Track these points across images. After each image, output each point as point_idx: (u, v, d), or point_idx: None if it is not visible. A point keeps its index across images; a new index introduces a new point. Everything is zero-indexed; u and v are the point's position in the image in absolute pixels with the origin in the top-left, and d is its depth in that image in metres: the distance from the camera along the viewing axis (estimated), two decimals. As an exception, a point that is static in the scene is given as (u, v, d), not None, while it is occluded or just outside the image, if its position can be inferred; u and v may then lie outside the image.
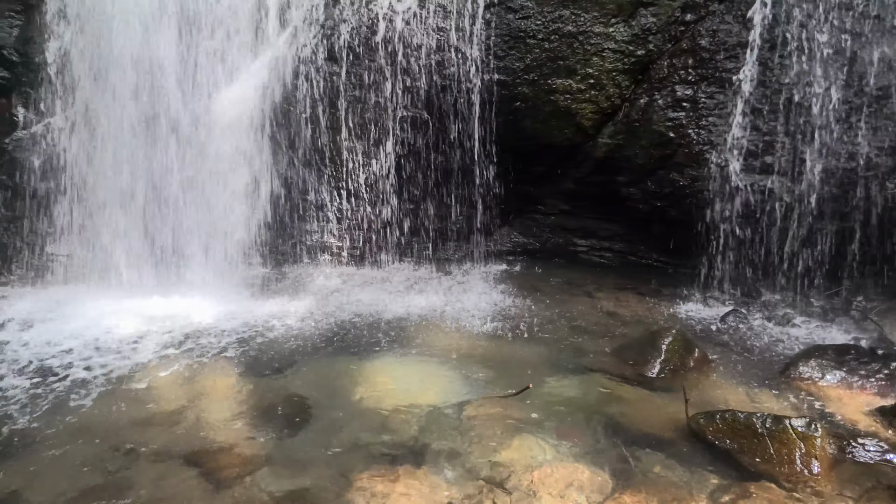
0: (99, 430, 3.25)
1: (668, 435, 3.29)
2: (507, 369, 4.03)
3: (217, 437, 3.21)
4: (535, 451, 3.10)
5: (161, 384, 3.78)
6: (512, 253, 6.03)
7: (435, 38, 5.10)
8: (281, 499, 2.73)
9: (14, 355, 4.08)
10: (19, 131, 5.55)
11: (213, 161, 5.18)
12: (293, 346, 4.32)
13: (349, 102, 5.34)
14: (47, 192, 5.46)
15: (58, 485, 2.82)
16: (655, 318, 4.94)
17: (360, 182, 5.54)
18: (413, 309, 4.99)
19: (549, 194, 5.79)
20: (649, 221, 5.43)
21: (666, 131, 5.00)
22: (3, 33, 5.48)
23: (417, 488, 2.80)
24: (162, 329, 4.50)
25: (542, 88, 5.10)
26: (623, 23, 4.95)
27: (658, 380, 3.92)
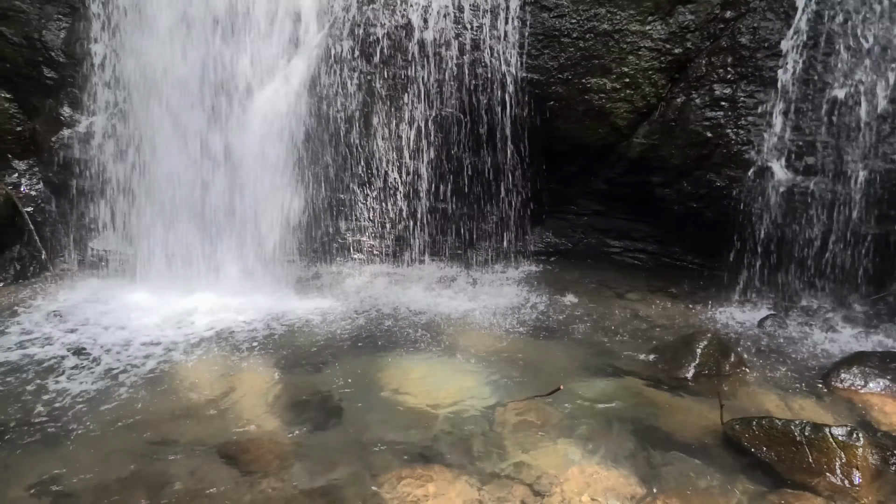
0: (136, 420, 3.35)
1: (702, 441, 3.23)
2: (537, 370, 4.01)
3: (250, 431, 3.26)
4: (565, 454, 3.07)
5: (196, 377, 3.86)
6: (544, 253, 5.99)
7: (468, 37, 5.10)
8: (312, 494, 2.76)
9: (55, 346, 4.22)
10: (65, 130, 5.73)
11: (248, 160, 5.27)
12: (325, 343, 4.37)
13: (382, 101, 5.38)
14: (90, 189, 5.63)
15: (96, 472, 2.91)
16: (690, 322, 4.85)
17: (392, 181, 5.57)
18: (444, 308, 5.00)
19: (581, 194, 5.74)
20: (684, 223, 5.33)
21: (703, 131, 4.90)
22: (51, 35, 5.67)
23: (447, 488, 2.80)
24: (197, 324, 4.60)
25: (576, 88, 5.05)
26: (660, 20, 4.87)
27: (692, 384, 3.85)
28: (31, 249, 5.72)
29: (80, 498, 2.73)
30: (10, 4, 5.63)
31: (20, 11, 5.65)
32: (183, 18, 5.13)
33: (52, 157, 5.77)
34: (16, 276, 5.51)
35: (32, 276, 5.58)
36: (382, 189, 5.61)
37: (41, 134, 5.86)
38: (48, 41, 5.67)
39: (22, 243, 5.69)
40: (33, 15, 5.67)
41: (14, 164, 6.02)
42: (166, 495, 2.75)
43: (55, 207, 5.88)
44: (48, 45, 5.67)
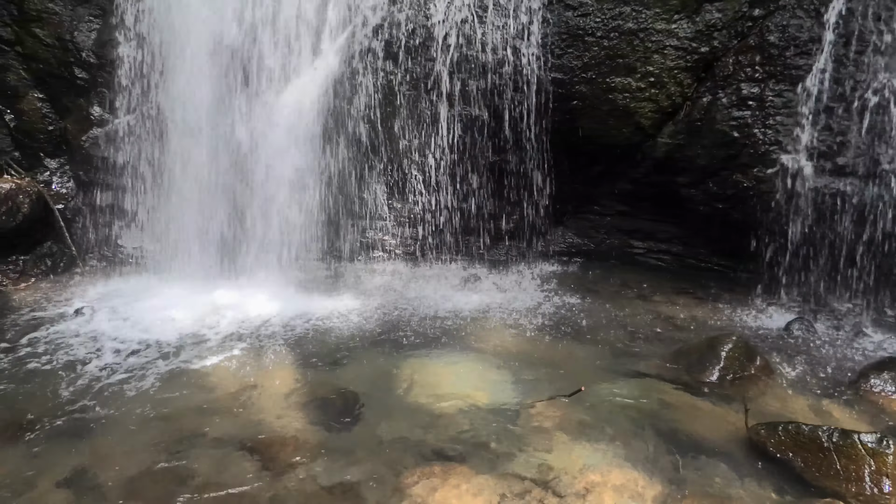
0: (161, 415, 3.40)
1: (725, 445, 3.18)
2: (559, 371, 3.99)
3: (273, 427, 3.30)
4: (586, 455, 3.05)
5: (220, 373, 3.92)
6: (566, 254, 5.95)
7: (492, 36, 5.09)
8: (333, 490, 2.78)
9: (84, 340, 4.31)
10: (95, 129, 5.85)
11: (272, 159, 5.32)
12: (347, 341, 4.39)
13: (405, 101, 5.39)
14: (119, 187, 5.74)
15: (123, 464, 2.96)
16: (714, 324, 4.79)
17: (414, 180, 5.58)
18: (465, 307, 4.99)
19: (605, 194, 5.69)
20: (710, 224, 5.25)
21: (730, 131, 4.83)
22: (82, 36, 5.79)
23: (466, 487, 2.80)
24: (222, 321, 4.66)
25: (600, 87, 5.01)
26: (686, 19, 4.80)
27: (716, 387, 3.80)
28: (61, 246, 5.85)
29: (107, 490, 2.78)
30: (44, 7, 5.77)
31: (53, 13, 5.78)
32: (211, 17, 5.21)
33: (83, 156, 5.90)
34: (46, 271, 5.64)
35: (62, 272, 5.71)
36: (405, 188, 5.63)
37: (72, 133, 5.99)
38: (79, 42, 5.79)
39: (53, 240, 5.82)
40: (66, 17, 5.80)
41: (46, 162, 6.16)
42: (191, 488, 2.79)
43: (85, 205, 6.01)
44: (79, 46, 5.79)
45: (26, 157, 6.18)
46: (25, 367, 3.93)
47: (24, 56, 5.92)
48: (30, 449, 3.09)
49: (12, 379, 3.77)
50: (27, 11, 5.79)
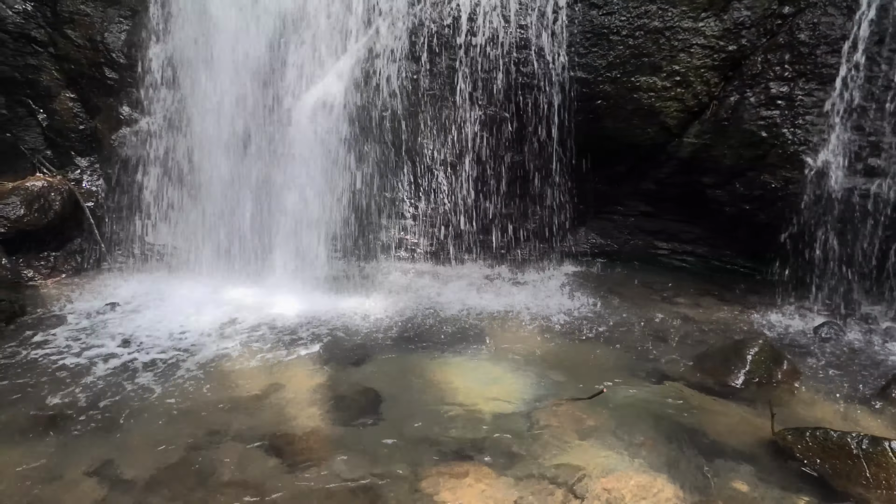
0: (185, 411, 3.45)
1: (750, 450, 3.13)
2: (580, 372, 3.96)
3: (295, 424, 3.33)
4: (606, 457, 3.03)
5: (243, 370, 3.96)
6: (589, 254, 5.91)
7: (516, 35, 5.07)
8: (354, 487, 2.80)
9: (112, 335, 4.39)
10: (123, 128, 5.96)
11: (296, 158, 5.37)
12: (369, 340, 4.42)
13: (428, 100, 5.40)
14: (147, 185, 5.83)
15: (147, 459, 3.01)
16: (740, 327, 4.71)
17: (437, 180, 5.58)
18: (487, 308, 4.99)
19: (628, 195, 5.63)
20: (736, 225, 5.17)
21: (758, 130, 4.75)
22: (112, 37, 5.90)
23: (486, 486, 2.79)
24: (246, 318, 4.72)
25: (625, 86, 4.96)
26: (714, 17, 4.73)
27: (742, 392, 3.74)
28: (90, 242, 5.97)
29: (133, 482, 2.83)
30: (77, 8, 5.89)
31: (85, 15, 5.90)
32: (239, 18, 5.28)
33: (112, 155, 6.01)
34: (76, 267, 5.76)
35: (92, 268, 5.83)
36: (428, 188, 5.63)
37: (102, 132, 6.11)
38: (110, 43, 5.90)
39: (82, 237, 5.95)
40: (97, 18, 5.91)
41: (77, 160, 6.30)
42: (214, 483, 2.83)
43: (113, 202, 6.12)
44: (110, 47, 5.90)
45: (58, 155, 6.32)
46: (55, 360, 4.02)
47: (56, 57, 6.06)
48: (59, 440, 3.16)
49: (43, 372, 3.87)
50: (60, 13, 5.93)
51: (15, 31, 6.00)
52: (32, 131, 6.29)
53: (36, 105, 6.24)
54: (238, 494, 2.75)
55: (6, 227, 5.37)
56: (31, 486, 2.79)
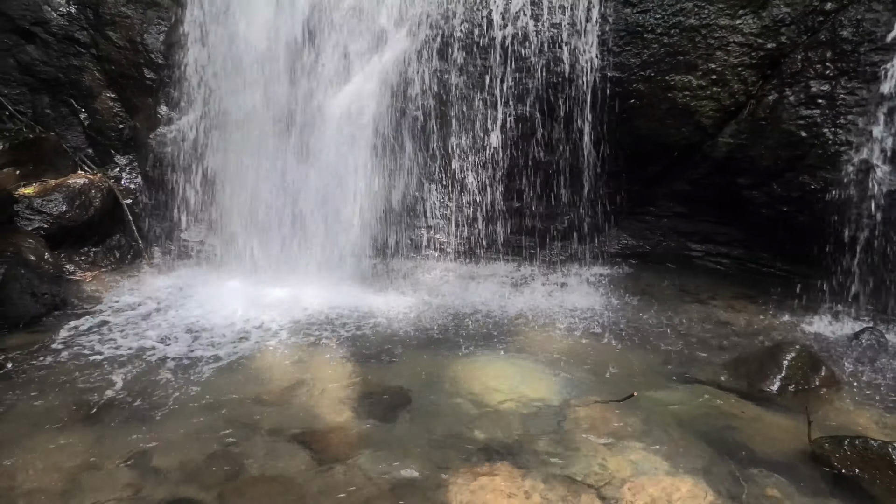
0: (218, 404, 3.52)
1: (786, 458, 3.05)
2: (610, 374, 3.92)
3: (324, 420, 3.37)
4: (636, 461, 2.99)
5: (274, 365, 4.02)
6: (620, 255, 5.83)
7: (547, 34, 5.03)
8: (381, 484, 2.82)
9: (147, 330, 4.50)
10: (161, 127, 6.10)
11: (328, 156, 5.43)
12: (397, 338, 4.44)
13: (459, 100, 5.40)
14: (183, 183, 5.96)
15: (181, 449, 3.08)
16: (776, 332, 4.60)
17: (467, 179, 5.58)
18: (515, 307, 4.97)
19: (661, 195, 5.55)
20: (773, 227, 5.04)
21: (797, 130, 4.63)
22: (151, 38, 6.05)
23: (514, 487, 2.78)
24: (276, 315, 4.78)
25: (659, 85, 4.89)
26: (752, 14, 4.63)
27: (777, 398, 3.65)
28: (129, 239, 6.13)
29: (167, 473, 2.90)
30: (118, 10, 6.06)
31: (125, 17, 6.07)
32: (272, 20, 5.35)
33: (150, 153, 6.16)
34: (115, 263, 5.92)
35: (129, 264, 5.98)
36: (457, 187, 5.64)
37: (140, 131, 6.27)
38: (149, 44, 6.05)
39: (121, 233, 6.11)
40: (137, 20, 6.07)
41: (116, 158, 6.48)
42: (245, 476, 2.88)
43: (151, 200, 6.28)
44: (149, 48, 6.05)
45: (98, 153, 6.51)
46: (93, 352, 4.14)
47: (98, 58, 6.24)
48: (96, 430, 3.25)
49: (81, 363, 3.98)
50: (102, 15, 6.10)
51: (59, 32, 6.20)
52: (74, 130, 6.48)
53: (78, 105, 6.43)
54: (268, 488, 2.80)
55: (49, 222, 5.55)
56: (71, 474, 2.88)
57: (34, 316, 4.59)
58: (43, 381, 3.75)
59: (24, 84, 6.34)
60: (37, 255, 5.14)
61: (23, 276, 4.65)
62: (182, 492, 2.77)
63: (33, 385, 3.70)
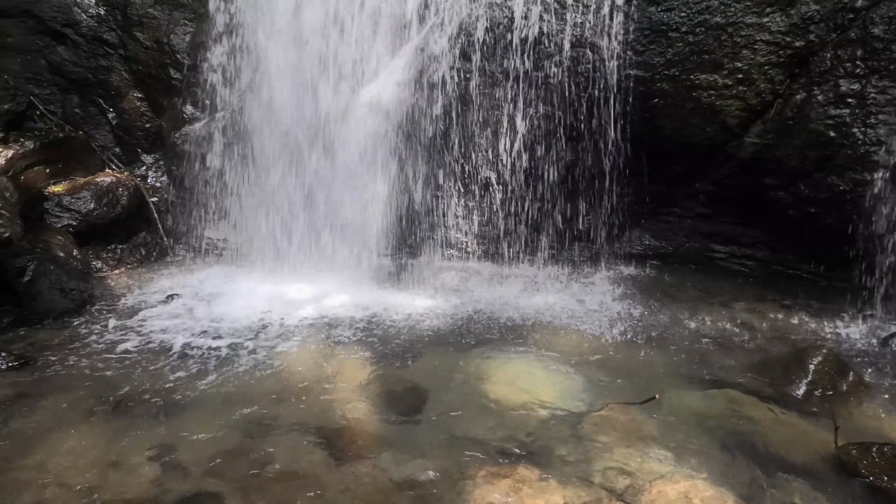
0: (238, 400, 3.56)
1: (811, 464, 3.00)
2: (631, 376, 3.88)
3: (345, 418, 3.39)
4: (658, 464, 2.96)
5: (295, 363, 4.06)
6: (642, 256, 5.78)
7: (570, 33, 5.00)
8: (401, 483, 2.83)
9: (172, 325, 4.57)
10: (186, 127, 6.19)
11: (350, 156, 5.46)
12: (416, 337, 4.45)
13: (481, 98, 5.39)
14: (207, 181, 6.04)
15: (203, 444, 3.12)
16: (802, 336, 4.52)
17: (487, 179, 5.57)
18: (535, 308, 4.95)
19: (685, 196, 5.48)
20: (799, 228, 4.95)
21: (825, 130, 4.54)
22: (177, 39, 6.14)
23: (533, 489, 2.77)
24: (298, 312, 4.83)
25: (684, 84, 4.83)
26: (780, 12, 4.55)
27: (803, 402, 3.58)
28: (154, 236, 6.23)
29: (190, 468, 2.94)
30: (145, 12, 6.16)
31: (153, 18, 6.17)
32: (296, 20, 5.40)
33: (175, 152, 6.25)
34: (141, 260, 6.02)
35: (155, 261, 6.08)
36: (478, 186, 5.63)
37: (166, 130, 6.36)
38: (175, 44, 6.14)
39: (147, 230, 6.22)
40: (163, 21, 6.17)
41: (143, 157, 6.59)
42: (266, 472, 2.91)
43: (176, 198, 6.37)
44: (175, 48, 6.14)
45: (125, 152, 6.63)
46: (119, 348, 4.21)
47: (126, 58, 6.35)
48: (121, 424, 3.31)
49: (108, 359, 4.06)
50: (130, 16, 6.21)
51: (89, 34, 6.33)
52: (102, 129, 6.61)
53: (106, 104, 6.56)
54: (289, 484, 2.82)
55: (77, 219, 5.66)
56: (96, 468, 2.93)
57: (63, 311, 4.69)
58: (70, 375, 3.83)
59: (55, 84, 6.48)
60: (65, 252, 5.25)
61: (52, 272, 4.75)
62: (204, 486, 2.81)
63: (61, 379, 3.78)
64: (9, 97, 6.09)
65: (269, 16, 5.52)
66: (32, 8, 6.27)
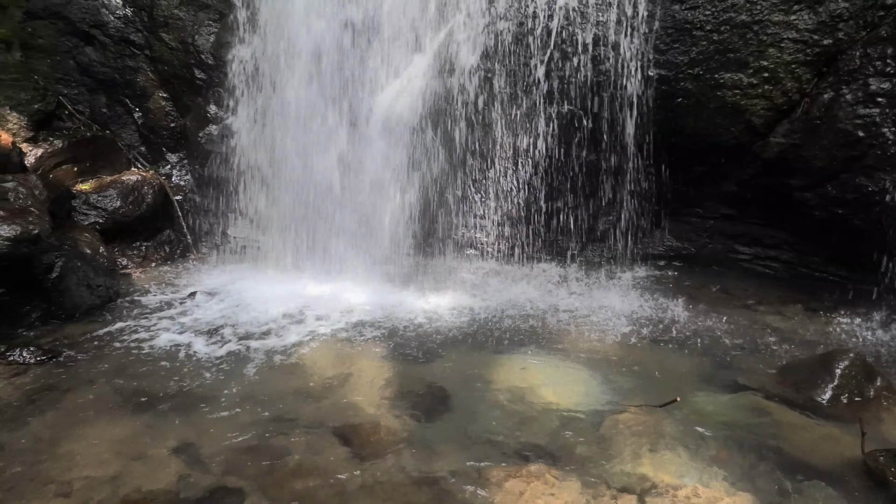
0: (259, 397, 3.60)
1: (837, 470, 2.94)
2: (652, 379, 3.84)
3: (364, 416, 3.40)
4: (678, 469, 2.92)
5: (315, 361, 4.08)
6: (664, 257, 5.72)
7: (592, 32, 4.97)
8: (419, 481, 2.83)
9: (194, 322, 4.63)
10: (210, 126, 6.27)
11: (371, 156, 5.49)
12: (436, 337, 4.45)
13: (502, 99, 5.38)
14: (229, 181, 6.12)
15: (224, 440, 3.16)
16: (829, 339, 4.43)
17: (509, 179, 5.56)
18: (556, 308, 4.92)
19: (708, 196, 5.41)
20: (826, 230, 4.86)
21: (854, 130, 4.44)
22: (202, 40, 6.22)
23: (552, 489, 2.76)
24: (318, 311, 4.86)
25: (708, 84, 4.77)
26: (808, 9, 4.47)
27: (829, 408, 3.51)
28: (178, 234, 6.32)
29: (211, 462, 2.98)
30: (171, 13, 6.25)
31: (178, 19, 6.25)
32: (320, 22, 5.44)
33: (199, 151, 6.34)
34: (165, 257, 6.11)
35: (179, 259, 6.17)
36: (498, 187, 5.61)
37: (191, 130, 6.45)
38: (199, 45, 6.22)
39: (171, 228, 6.31)
40: (188, 21, 6.25)
41: (167, 156, 6.68)
42: (286, 469, 2.93)
43: (199, 196, 6.46)
44: (199, 49, 6.23)
45: (150, 151, 6.74)
46: (143, 343, 4.28)
47: (152, 59, 6.45)
48: (144, 419, 3.36)
49: (132, 354, 4.13)
50: (156, 18, 6.30)
51: (116, 35, 6.44)
52: (129, 129, 6.72)
53: (132, 104, 6.67)
54: (309, 480, 2.84)
55: (104, 217, 5.77)
56: (121, 460, 2.98)
57: (89, 307, 4.78)
58: (96, 370, 3.90)
59: (83, 84, 6.61)
60: (92, 249, 5.35)
61: (79, 269, 4.85)
62: (226, 481, 2.84)
63: (87, 373, 3.86)
64: (39, 97, 6.22)
65: (292, 17, 5.56)
66: (62, 9, 6.41)
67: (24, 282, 4.53)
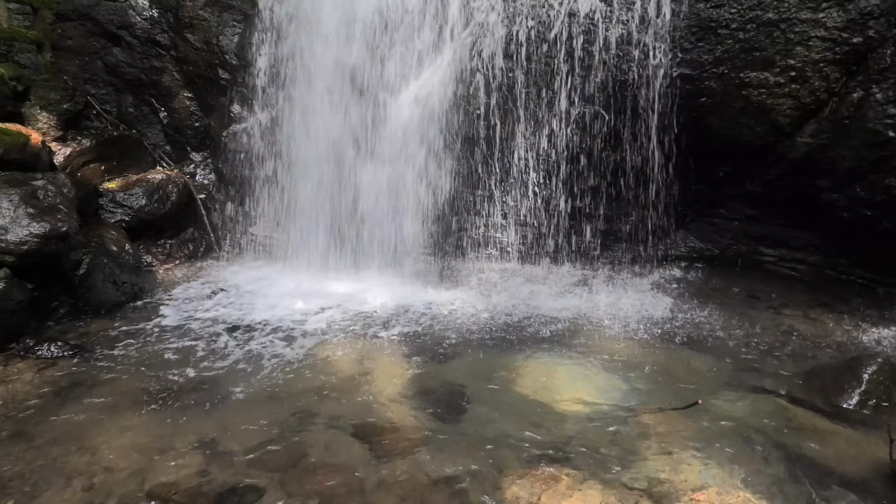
0: (279, 395, 3.63)
1: (863, 477, 2.88)
2: (673, 381, 3.80)
3: (382, 414, 3.42)
4: (699, 473, 2.88)
5: (334, 359, 4.11)
6: (687, 259, 5.64)
7: (615, 31, 4.92)
8: (438, 481, 2.83)
9: (217, 319, 4.69)
10: (234, 125, 6.35)
11: (390, 156, 5.50)
12: (455, 336, 4.45)
13: (523, 99, 5.36)
14: (252, 179, 6.18)
15: (245, 436, 3.20)
16: (855, 343, 4.34)
17: (529, 179, 5.53)
18: (577, 309, 4.89)
19: (732, 197, 5.33)
20: (853, 232, 4.76)
21: (884, 130, 4.34)
22: (226, 40, 6.30)
23: (571, 492, 2.74)
24: (339, 309, 4.89)
25: (733, 83, 4.69)
26: (837, 7, 4.37)
27: (855, 413, 3.44)
28: (202, 232, 6.41)
29: (232, 458, 3.01)
30: (196, 14, 6.34)
31: (203, 20, 6.34)
32: (341, 22, 5.47)
33: (223, 150, 6.42)
34: (188, 255, 6.20)
35: (202, 256, 6.26)
36: (519, 186, 5.60)
37: (214, 129, 6.54)
38: (223, 45, 6.30)
39: (195, 226, 6.40)
40: (213, 22, 6.33)
41: (192, 155, 6.78)
42: (305, 465, 2.96)
43: (223, 195, 6.54)
44: (223, 49, 6.30)
45: (175, 150, 6.84)
46: (167, 339, 4.35)
47: (177, 59, 6.55)
48: (168, 413, 3.42)
49: (156, 350, 4.19)
50: (181, 18, 6.40)
51: (142, 35, 6.55)
52: (154, 128, 6.84)
53: (158, 104, 6.77)
54: (328, 477, 2.86)
55: (130, 215, 5.87)
56: (145, 454, 3.03)
57: (115, 303, 4.87)
58: (121, 365, 3.97)
59: (110, 84, 6.73)
60: (118, 246, 5.45)
61: (106, 266, 4.94)
62: (247, 476, 2.87)
63: (112, 369, 3.93)
64: (68, 97, 6.35)
65: (316, 16, 5.60)
66: (91, 11, 6.53)
67: (52, 278, 4.63)
